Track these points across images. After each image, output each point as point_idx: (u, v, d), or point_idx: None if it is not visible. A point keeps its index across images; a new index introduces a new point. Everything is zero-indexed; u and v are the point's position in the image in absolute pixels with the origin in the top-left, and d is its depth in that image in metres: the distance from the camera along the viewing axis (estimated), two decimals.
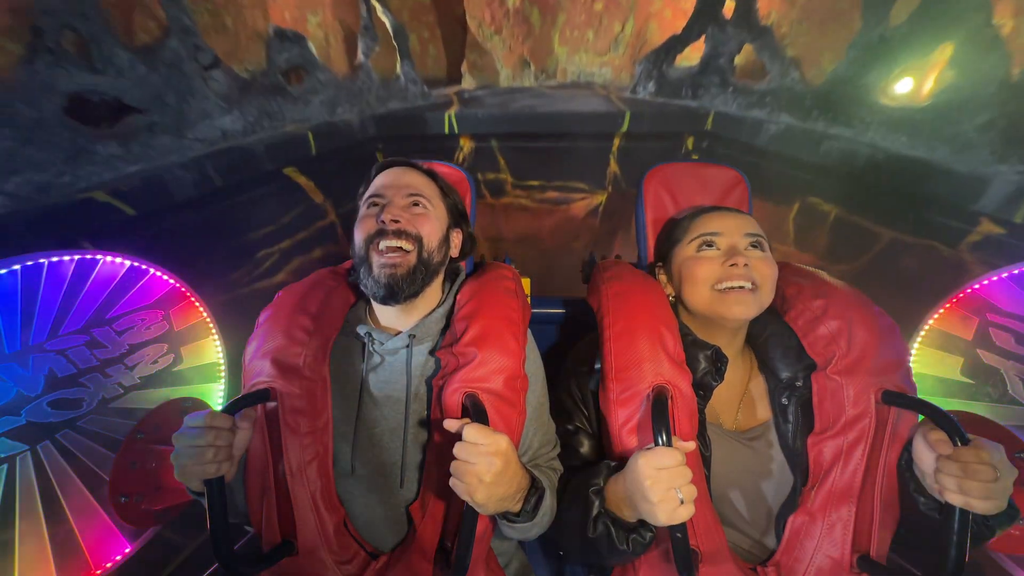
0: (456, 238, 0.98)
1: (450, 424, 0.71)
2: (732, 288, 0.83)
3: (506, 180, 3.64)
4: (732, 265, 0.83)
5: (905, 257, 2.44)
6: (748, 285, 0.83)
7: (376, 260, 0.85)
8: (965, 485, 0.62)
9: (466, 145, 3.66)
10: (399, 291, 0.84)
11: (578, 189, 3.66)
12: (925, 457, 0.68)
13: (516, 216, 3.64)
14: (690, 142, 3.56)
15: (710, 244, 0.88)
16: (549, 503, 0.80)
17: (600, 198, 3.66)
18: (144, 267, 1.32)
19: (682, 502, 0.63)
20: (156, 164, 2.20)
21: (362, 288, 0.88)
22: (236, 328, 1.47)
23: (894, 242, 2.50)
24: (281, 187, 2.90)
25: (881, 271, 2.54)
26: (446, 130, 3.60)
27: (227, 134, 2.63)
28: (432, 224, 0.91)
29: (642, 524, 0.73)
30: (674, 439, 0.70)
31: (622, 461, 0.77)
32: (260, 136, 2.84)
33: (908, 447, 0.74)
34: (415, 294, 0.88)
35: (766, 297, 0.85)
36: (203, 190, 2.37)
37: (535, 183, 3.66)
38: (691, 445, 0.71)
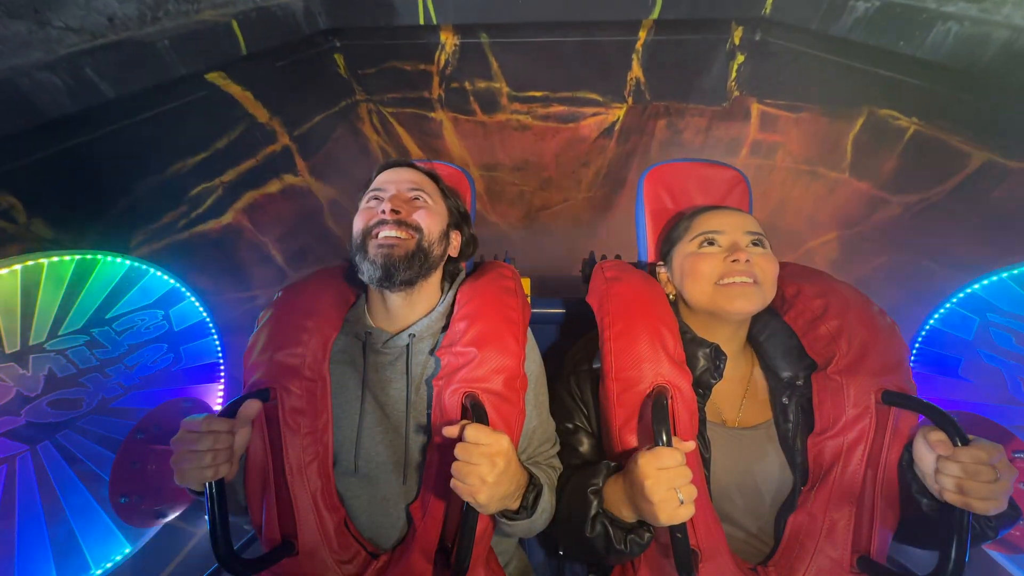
0: (456, 239, 0.99)
1: (450, 431, 0.71)
2: (735, 283, 0.84)
3: (501, 90, 2.78)
4: (734, 261, 0.84)
5: (999, 186, 1.86)
6: (750, 280, 0.83)
7: (373, 244, 0.85)
8: (965, 485, 0.62)
9: (448, 41, 2.73)
10: (395, 272, 0.84)
11: (590, 101, 2.83)
12: (925, 457, 0.68)
13: (514, 137, 2.86)
14: (737, 35, 2.63)
15: (712, 242, 0.89)
16: (548, 500, 0.80)
17: (617, 113, 2.82)
18: (144, 267, 1.32)
19: (682, 502, 0.64)
20: (8, 65, 1.46)
21: (359, 275, 0.88)
22: (188, 277, 1.33)
23: (988, 167, 1.90)
24: (206, 100, 2.10)
25: (962, 202, 2.00)
26: (420, 19, 2.66)
27: (115, 21, 1.74)
28: (432, 217, 0.91)
29: (640, 524, 0.73)
30: (674, 439, 0.70)
31: (621, 461, 0.78)
32: (164, 26, 1.96)
33: (909, 447, 0.74)
34: (412, 281, 0.87)
35: (769, 292, 0.85)
36: (86, 103, 1.63)
37: (537, 94, 2.82)
38: (691, 445, 0.71)
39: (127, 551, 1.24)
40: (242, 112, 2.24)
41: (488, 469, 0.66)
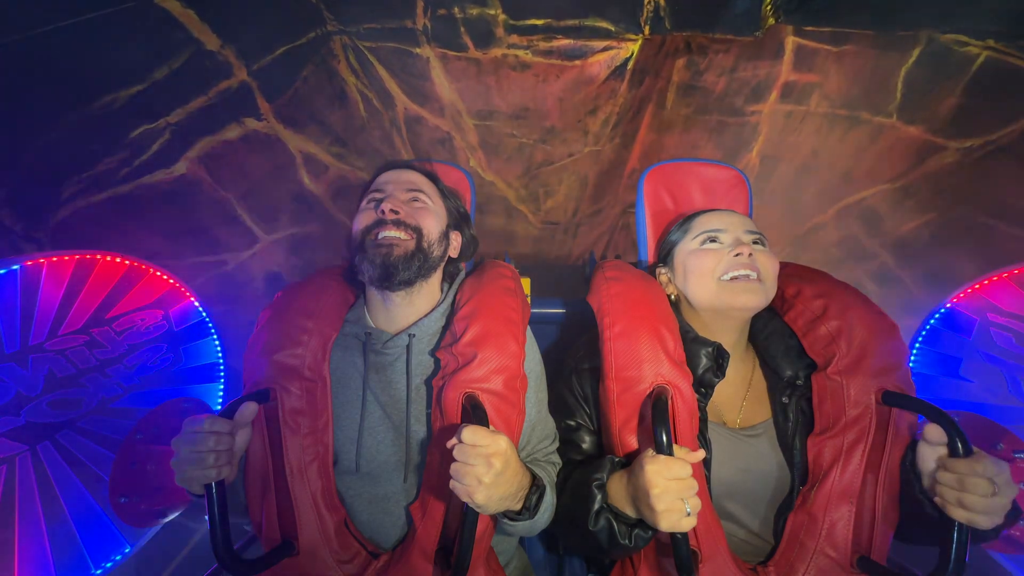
0: (456, 239, 0.99)
1: (450, 443, 0.70)
2: (738, 277, 0.84)
3: (496, 18, 2.29)
4: (737, 255, 0.85)
5: None
6: (753, 275, 0.84)
7: (372, 244, 0.86)
8: (962, 498, 0.62)
9: None
10: (395, 272, 0.84)
11: (599, 32, 2.32)
12: (926, 460, 0.68)
13: (511, 78, 2.38)
14: None
15: (714, 239, 0.90)
16: (550, 499, 0.80)
17: (631, 47, 2.35)
18: (144, 267, 1.32)
19: (688, 514, 0.64)
20: None
21: (358, 276, 0.88)
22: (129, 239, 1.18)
23: None
24: (135, 14, 1.66)
25: None
26: None
27: None
28: (431, 218, 0.91)
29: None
30: (677, 447, 0.69)
31: (625, 458, 0.78)
32: None
33: (911, 446, 0.74)
34: (411, 281, 0.87)
35: (771, 288, 0.86)
36: None
37: (539, 22, 2.29)
38: (700, 455, 0.71)
39: (127, 551, 1.24)
40: (185, 35, 1.77)
41: (485, 470, 0.66)
